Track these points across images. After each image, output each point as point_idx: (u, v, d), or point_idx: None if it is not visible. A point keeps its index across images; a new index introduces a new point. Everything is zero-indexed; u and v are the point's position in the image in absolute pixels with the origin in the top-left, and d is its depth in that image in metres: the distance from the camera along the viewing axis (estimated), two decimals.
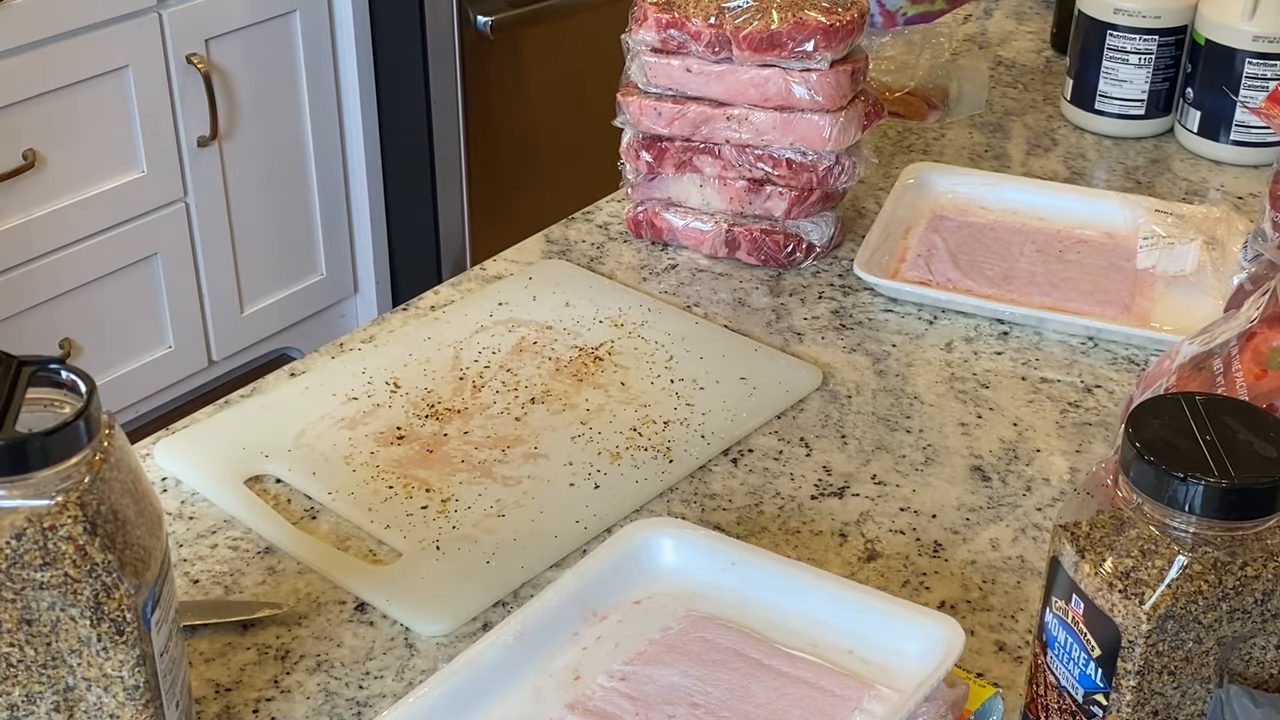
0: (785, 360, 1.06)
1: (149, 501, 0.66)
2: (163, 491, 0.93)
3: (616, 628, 0.78)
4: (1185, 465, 0.63)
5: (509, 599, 0.85)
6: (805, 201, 1.17)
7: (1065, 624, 0.67)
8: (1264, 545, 0.63)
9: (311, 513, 0.91)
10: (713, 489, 0.94)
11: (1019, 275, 1.16)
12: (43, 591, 0.61)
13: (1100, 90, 1.43)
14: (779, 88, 1.13)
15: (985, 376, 1.06)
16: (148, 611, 0.64)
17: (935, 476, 0.96)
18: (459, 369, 1.04)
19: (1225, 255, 1.14)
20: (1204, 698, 0.65)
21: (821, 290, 1.16)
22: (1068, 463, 0.97)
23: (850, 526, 0.91)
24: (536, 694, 0.74)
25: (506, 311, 1.11)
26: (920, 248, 1.19)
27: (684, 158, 1.18)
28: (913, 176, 1.28)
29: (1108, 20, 1.40)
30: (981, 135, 1.44)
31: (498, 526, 0.89)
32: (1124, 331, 1.09)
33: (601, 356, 1.06)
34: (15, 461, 0.60)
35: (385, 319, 1.12)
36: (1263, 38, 1.34)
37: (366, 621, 0.83)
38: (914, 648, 0.74)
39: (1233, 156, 1.39)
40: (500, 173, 2.57)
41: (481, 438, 0.97)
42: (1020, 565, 0.88)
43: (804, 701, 0.73)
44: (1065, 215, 1.24)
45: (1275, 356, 0.79)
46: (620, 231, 1.25)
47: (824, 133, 1.14)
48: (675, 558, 0.81)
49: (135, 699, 0.64)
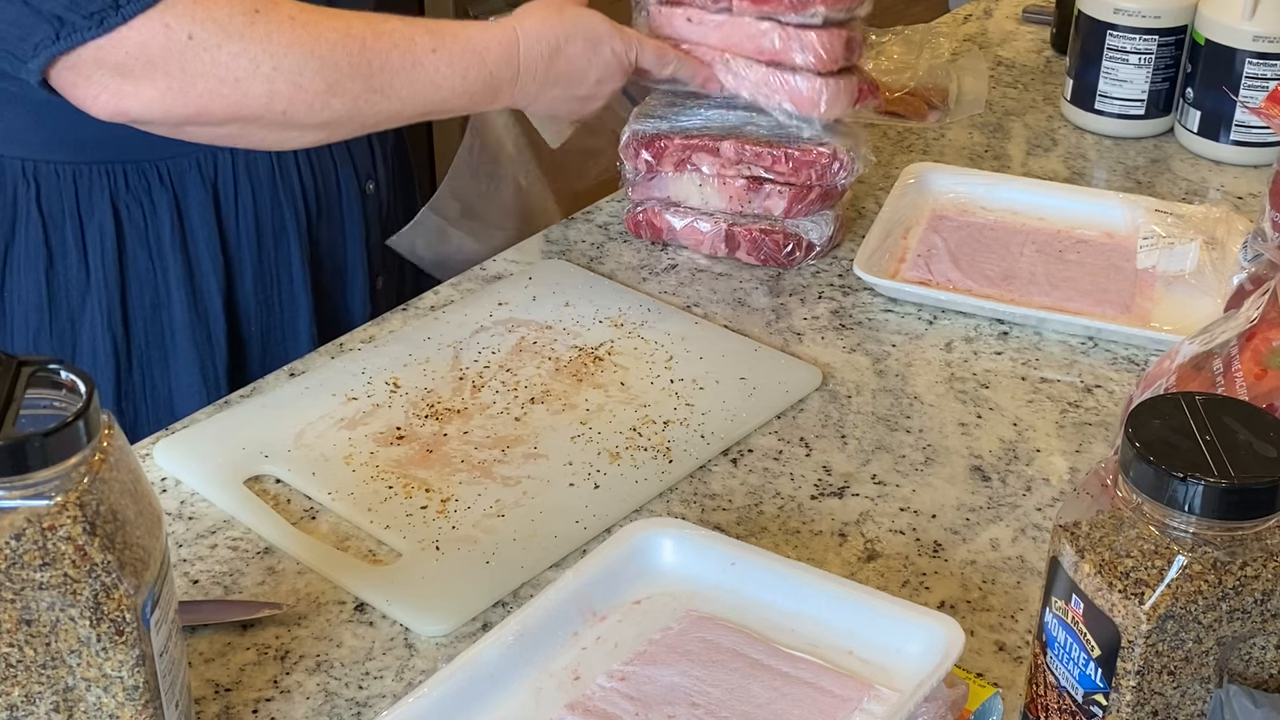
0: (785, 360, 1.06)
1: (148, 502, 0.66)
2: (162, 491, 0.93)
3: (616, 628, 0.78)
4: (1185, 465, 0.63)
5: (509, 599, 0.85)
6: (804, 200, 1.17)
7: (1065, 624, 0.67)
8: (1264, 545, 0.63)
9: (311, 513, 0.91)
10: (713, 489, 0.94)
11: (1019, 275, 1.16)
12: (42, 592, 0.61)
13: (1100, 90, 1.43)
14: (773, 41, 1.12)
15: (985, 376, 1.06)
16: (147, 612, 0.64)
17: (935, 476, 0.96)
18: (459, 369, 1.04)
19: (1225, 255, 1.14)
20: (1204, 698, 0.65)
21: (821, 290, 1.16)
22: (1068, 463, 0.97)
23: (850, 526, 0.91)
24: (536, 694, 0.74)
25: (506, 311, 1.11)
26: (920, 248, 1.19)
27: (683, 156, 1.18)
28: (913, 176, 1.28)
29: (1108, 20, 1.40)
30: (981, 135, 1.44)
31: (497, 526, 0.89)
32: (1124, 331, 1.09)
33: (601, 356, 1.06)
34: (15, 462, 0.60)
35: (385, 319, 1.12)
36: (1263, 38, 1.34)
37: (366, 621, 0.83)
38: (914, 648, 0.74)
39: (1233, 156, 1.39)
40: None
41: (481, 438, 0.97)
42: (1020, 565, 0.88)
43: (804, 701, 0.73)
44: (1065, 215, 1.24)
45: (1275, 356, 0.79)
46: (620, 231, 1.25)
47: (815, 96, 1.13)
48: (675, 558, 0.81)
49: (135, 699, 0.64)
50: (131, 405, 1.14)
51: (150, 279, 1.12)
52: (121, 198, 1.09)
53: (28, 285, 1.11)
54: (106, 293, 1.10)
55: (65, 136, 1.06)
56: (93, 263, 1.10)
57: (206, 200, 1.12)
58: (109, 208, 1.09)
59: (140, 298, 1.12)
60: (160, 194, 1.10)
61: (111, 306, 1.11)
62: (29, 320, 1.11)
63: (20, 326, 1.12)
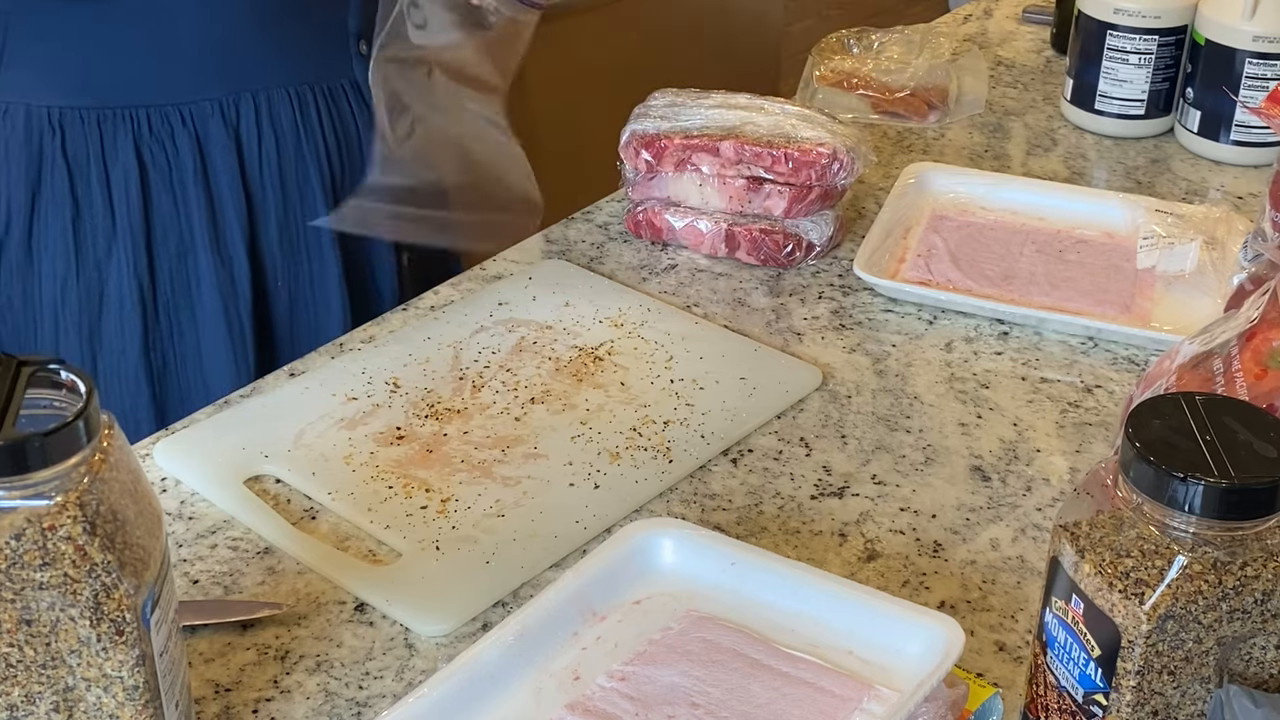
0: (785, 360, 1.06)
1: (148, 502, 0.66)
2: (162, 491, 0.93)
3: (616, 628, 0.78)
4: (1185, 465, 0.63)
5: (509, 599, 0.85)
6: (804, 200, 1.17)
7: (1065, 624, 0.67)
8: (1264, 545, 0.63)
9: (311, 513, 0.91)
10: (713, 489, 0.94)
11: (1019, 275, 1.16)
12: (42, 592, 0.61)
13: (1100, 90, 1.43)
14: None
15: (985, 376, 1.06)
16: (147, 611, 0.64)
17: (935, 476, 0.96)
18: (459, 369, 1.04)
19: (1225, 255, 1.14)
20: (1204, 698, 0.65)
21: (821, 290, 1.16)
22: (1068, 463, 0.97)
23: (850, 526, 0.91)
24: (536, 694, 0.74)
25: (506, 311, 1.11)
26: (920, 248, 1.19)
27: (683, 155, 1.18)
28: (913, 176, 1.28)
29: (1108, 20, 1.40)
30: (981, 135, 1.44)
31: (497, 526, 0.89)
32: (1124, 331, 1.09)
33: (601, 356, 1.06)
34: (15, 462, 0.60)
35: (385, 319, 1.12)
36: (1263, 38, 1.34)
37: (366, 621, 0.83)
38: (914, 648, 0.74)
39: (1233, 156, 1.39)
40: None
41: (481, 438, 0.97)
42: (1020, 565, 0.88)
43: (804, 701, 0.73)
44: (1065, 215, 1.24)
45: (1275, 356, 0.79)
46: (620, 231, 1.25)
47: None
48: (675, 558, 0.81)
49: (135, 699, 0.64)
50: (159, 354, 1.16)
51: (175, 225, 1.14)
52: (145, 142, 1.11)
53: (54, 233, 1.12)
54: (132, 239, 1.12)
55: (88, 82, 1.09)
56: (118, 209, 1.12)
57: (229, 145, 1.13)
58: (133, 152, 1.11)
59: (165, 244, 1.14)
60: (183, 137, 1.12)
61: (137, 254, 1.13)
62: (56, 268, 1.13)
63: (48, 274, 1.14)
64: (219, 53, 1.12)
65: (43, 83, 1.09)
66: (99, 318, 1.15)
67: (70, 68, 1.08)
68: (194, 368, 1.16)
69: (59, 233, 1.12)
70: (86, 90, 1.09)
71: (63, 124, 1.10)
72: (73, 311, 1.15)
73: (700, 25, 2.72)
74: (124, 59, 1.09)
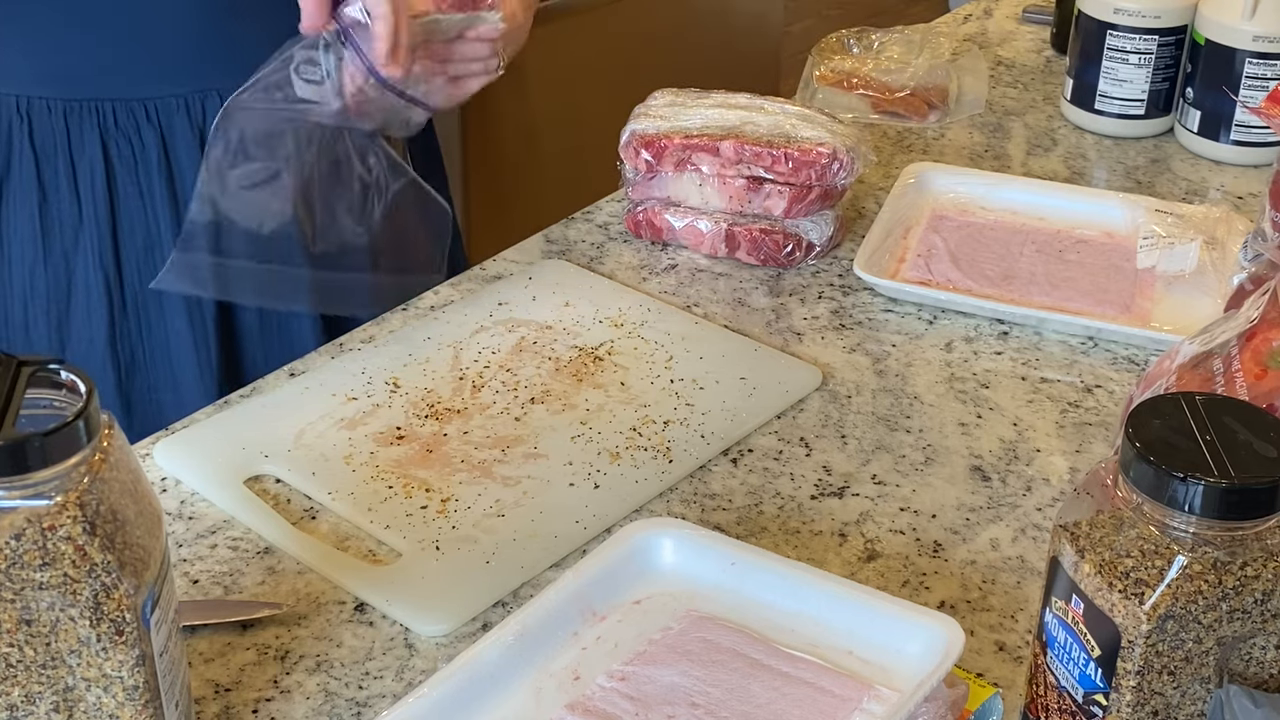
0: (785, 360, 1.06)
1: (148, 502, 0.66)
2: (162, 491, 0.93)
3: (616, 628, 0.78)
4: (1185, 465, 0.63)
5: (509, 599, 0.85)
6: (804, 200, 1.17)
7: (1065, 624, 0.67)
8: (1264, 545, 0.63)
9: (311, 513, 0.91)
10: (713, 489, 0.94)
11: (1019, 275, 1.16)
12: (42, 592, 0.61)
13: (1100, 90, 1.43)
14: None
15: (985, 376, 1.06)
16: (147, 611, 0.64)
17: (935, 476, 0.96)
18: (459, 369, 1.04)
19: (1225, 255, 1.14)
20: (1204, 698, 0.65)
21: (821, 290, 1.16)
22: (1068, 463, 0.97)
23: (850, 526, 0.91)
24: (536, 694, 0.74)
25: (506, 311, 1.11)
26: (920, 248, 1.19)
27: (683, 155, 1.18)
28: (913, 176, 1.28)
29: (1108, 20, 1.40)
30: (981, 135, 1.44)
31: (497, 526, 0.89)
32: (1124, 331, 1.09)
33: (601, 356, 1.06)
34: (15, 462, 0.60)
35: (385, 319, 1.12)
36: (1263, 38, 1.34)
37: (366, 621, 0.83)
38: (914, 648, 0.74)
39: (1233, 156, 1.39)
40: (500, 172, 2.57)
41: (481, 438, 0.97)
42: (1020, 565, 0.88)
43: (804, 701, 0.73)
44: (1065, 215, 1.24)
45: (1275, 356, 0.79)
46: (620, 231, 1.25)
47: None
48: (675, 558, 0.81)
49: (135, 699, 0.64)
50: (127, 345, 1.16)
51: (141, 218, 1.15)
52: (111, 135, 1.12)
53: (22, 220, 1.13)
54: (99, 230, 1.13)
55: (55, 72, 1.09)
56: (84, 200, 1.13)
57: (193, 143, 1.14)
58: (99, 144, 1.12)
59: (132, 236, 1.14)
60: (149, 132, 1.12)
61: (104, 245, 1.13)
62: (24, 255, 1.14)
63: (17, 261, 1.14)
64: (186, 50, 1.13)
65: (10, 72, 1.10)
66: (67, 307, 1.16)
67: (38, 58, 1.09)
68: (161, 360, 1.16)
69: (26, 219, 1.13)
70: (53, 81, 1.10)
71: (30, 113, 1.11)
72: (41, 300, 1.16)
73: (700, 25, 2.72)
74: (91, 52, 1.10)
